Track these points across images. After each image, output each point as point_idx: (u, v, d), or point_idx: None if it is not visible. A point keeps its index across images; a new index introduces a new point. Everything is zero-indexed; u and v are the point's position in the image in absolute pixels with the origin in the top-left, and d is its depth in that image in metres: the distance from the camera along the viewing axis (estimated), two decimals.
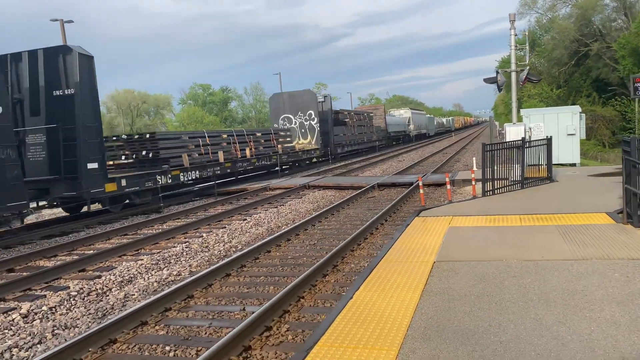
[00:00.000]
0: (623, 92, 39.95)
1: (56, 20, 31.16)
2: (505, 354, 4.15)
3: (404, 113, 64.11)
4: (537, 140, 14.67)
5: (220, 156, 20.39)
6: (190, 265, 9.18)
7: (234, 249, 10.35)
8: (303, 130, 31.97)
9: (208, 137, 20.63)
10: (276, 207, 15.21)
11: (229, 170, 21.09)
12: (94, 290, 7.84)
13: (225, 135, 21.90)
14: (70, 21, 31.58)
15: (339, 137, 35.01)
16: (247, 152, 22.41)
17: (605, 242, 7.32)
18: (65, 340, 6.03)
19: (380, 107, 53.43)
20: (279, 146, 25.50)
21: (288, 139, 27.84)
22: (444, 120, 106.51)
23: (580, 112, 20.58)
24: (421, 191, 13.15)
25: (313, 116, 31.71)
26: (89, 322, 6.64)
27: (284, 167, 26.45)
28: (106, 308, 7.12)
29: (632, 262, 6.33)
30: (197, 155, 19.41)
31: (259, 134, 24.72)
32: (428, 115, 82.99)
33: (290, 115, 32.22)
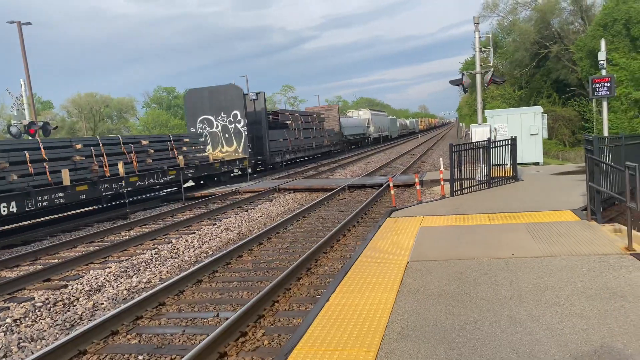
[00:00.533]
0: (581, 93, 41.33)
1: (13, 22, 30.16)
2: (482, 351, 4.21)
3: (362, 114, 58.23)
4: (502, 140, 15.00)
5: (65, 177, 13.95)
6: (160, 272, 8.99)
7: (204, 255, 10.20)
8: (227, 135, 25.88)
9: (45, 148, 13.93)
10: (246, 210, 15.08)
11: (82, 197, 14.69)
12: (61, 301, 7.59)
13: (79, 146, 15.16)
14: (28, 23, 30.60)
15: (277, 143, 29.23)
16: (121, 167, 16.10)
17: (572, 239, 7.53)
18: (32, 352, 5.81)
19: (334, 107, 46.69)
20: (180, 157, 19.20)
21: (198, 147, 21.54)
22: (408, 121, 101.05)
23: (542, 113, 21.17)
24: (392, 192, 13.25)
25: (239, 117, 25.62)
26: (57, 333, 6.41)
27: (194, 183, 22.35)
28: (74, 318, 6.90)
29: (598, 258, 6.52)
30: (16, 177, 12.77)
31: (145, 142, 18.08)
32: (390, 117, 77.65)
33: (210, 117, 26.11)
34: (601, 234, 7.70)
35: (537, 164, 20.75)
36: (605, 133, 20.07)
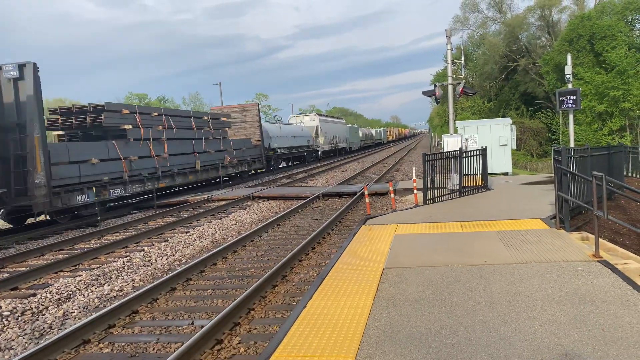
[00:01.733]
0: (548, 106, 42.56)
1: None
2: (458, 355, 4.28)
3: (309, 120, 47.13)
4: (473, 150, 15.31)
5: None
6: (132, 280, 8.84)
7: (178, 263, 10.07)
8: None
9: None
10: (220, 218, 14.97)
11: None
12: (29, 309, 7.39)
13: None
14: None
15: (84, 169, 15.59)
16: None
17: (542, 246, 7.73)
18: None
19: (251, 107, 31.72)
20: None
21: None
22: (374, 131, 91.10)
23: (511, 124, 21.70)
24: (367, 200, 13.36)
25: None
26: (25, 343, 6.24)
27: None
28: (43, 327, 6.72)
29: (567, 264, 6.71)
30: None
31: None
32: (350, 125, 67.83)
33: None
34: (569, 242, 7.92)
35: (506, 174, 21.21)
36: (572, 144, 20.68)
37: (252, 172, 30.51)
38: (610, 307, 5.16)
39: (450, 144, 16.15)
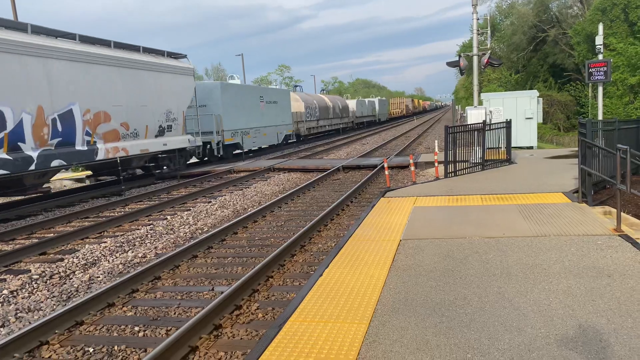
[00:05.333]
0: (578, 78, 41.36)
1: None
2: (471, 324, 4.33)
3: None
4: (497, 123, 15.07)
5: None
6: (155, 248, 9.07)
7: (199, 231, 10.28)
8: None
9: None
10: (241, 189, 15.14)
11: None
12: (57, 273, 7.67)
13: None
14: None
15: None
16: None
17: (562, 220, 7.65)
18: (30, 323, 5.90)
19: None
20: None
21: None
22: (353, 103, 51.35)
23: (537, 97, 21.21)
24: (387, 172, 13.33)
25: None
26: (54, 304, 6.50)
27: None
28: (70, 291, 6.99)
29: (586, 238, 6.65)
30: None
31: None
32: (265, 86, 36.19)
33: None
34: (591, 216, 7.82)
35: (531, 147, 20.86)
36: (600, 118, 20.16)
37: None
38: (629, 280, 5.12)
39: (474, 116, 15.90)
